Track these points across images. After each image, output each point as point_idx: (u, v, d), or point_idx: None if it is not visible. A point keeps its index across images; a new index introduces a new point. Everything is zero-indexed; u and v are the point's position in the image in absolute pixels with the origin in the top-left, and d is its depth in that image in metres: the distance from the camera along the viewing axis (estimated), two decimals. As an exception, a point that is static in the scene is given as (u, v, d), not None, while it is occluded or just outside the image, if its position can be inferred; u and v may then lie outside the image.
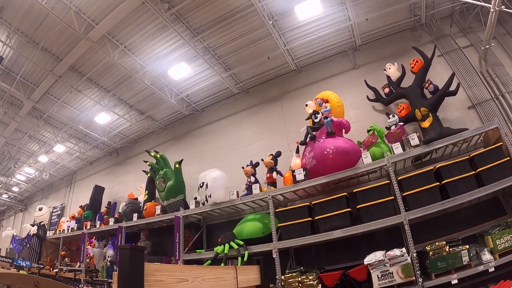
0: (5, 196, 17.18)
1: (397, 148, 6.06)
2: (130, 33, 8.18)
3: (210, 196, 7.76)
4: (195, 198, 8.62)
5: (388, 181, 5.92)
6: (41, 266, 8.04)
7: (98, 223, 10.56)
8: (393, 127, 6.44)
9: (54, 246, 12.12)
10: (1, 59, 8.70)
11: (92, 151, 13.29)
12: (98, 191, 11.97)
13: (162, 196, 9.04)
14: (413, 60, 6.90)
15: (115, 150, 13.18)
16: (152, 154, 9.27)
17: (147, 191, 9.89)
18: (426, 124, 6.26)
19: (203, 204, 8.16)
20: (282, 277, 5.90)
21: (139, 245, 9.28)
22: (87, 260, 10.45)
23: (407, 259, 5.01)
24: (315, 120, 7.12)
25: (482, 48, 6.52)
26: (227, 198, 7.68)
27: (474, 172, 5.36)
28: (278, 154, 7.73)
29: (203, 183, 8.18)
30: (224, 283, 2.59)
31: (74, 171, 14.83)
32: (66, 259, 11.37)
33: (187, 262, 7.90)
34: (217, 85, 9.87)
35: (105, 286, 8.32)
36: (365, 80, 7.84)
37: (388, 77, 7.41)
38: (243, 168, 7.93)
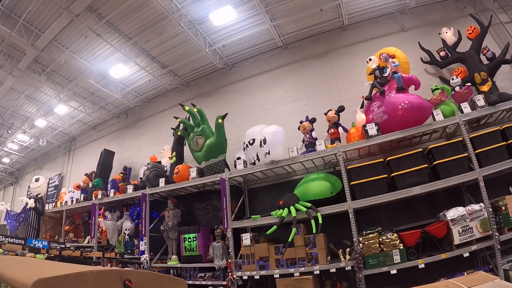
0: None
1: (465, 107, 5.52)
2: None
3: (268, 153, 6.26)
4: (238, 158, 7.02)
5: (461, 139, 5.34)
6: (63, 246, 6.11)
7: (111, 191, 8.53)
8: (457, 88, 6.01)
9: (53, 220, 10.02)
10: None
11: (98, 113, 11.05)
12: (107, 156, 9.89)
13: (199, 157, 7.30)
14: (471, 26, 6.44)
15: (124, 112, 11.10)
16: (187, 108, 7.46)
17: (174, 153, 8.06)
18: (485, 88, 5.88)
19: (253, 163, 6.57)
20: (360, 239, 5.23)
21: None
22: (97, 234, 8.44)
23: (484, 214, 4.79)
24: (384, 75, 6.27)
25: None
26: (286, 156, 6.28)
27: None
28: (341, 108, 6.50)
29: (253, 139, 6.78)
30: None
31: (73, 137, 12.51)
32: (70, 234, 9.24)
33: (236, 231, 6.47)
34: (256, 37, 8.28)
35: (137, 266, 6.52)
36: (419, 42, 7.07)
37: (444, 41, 6.82)
38: (301, 123, 6.62)
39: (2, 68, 8.60)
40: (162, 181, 7.65)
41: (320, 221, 5.41)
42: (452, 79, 6.16)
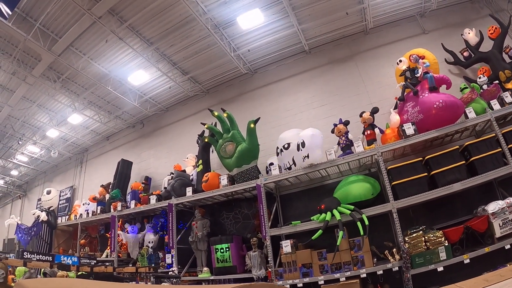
0: (1, 181, 13.56)
1: (495, 104, 5.52)
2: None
3: (307, 156, 5.95)
4: (271, 164, 6.68)
5: (494, 135, 5.28)
6: (94, 262, 5.61)
7: (132, 202, 8.02)
8: (484, 86, 6.05)
9: (66, 234, 9.44)
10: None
11: (113, 122, 10.54)
12: (125, 167, 9.35)
13: (230, 164, 6.90)
14: (492, 27, 6.48)
15: (140, 121, 10.66)
16: (216, 113, 7.07)
17: (200, 161, 7.60)
18: (510, 85, 5.88)
19: (289, 168, 6.23)
20: (406, 238, 5.06)
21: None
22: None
23: (522, 207, 4.72)
24: (416, 76, 6.20)
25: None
26: (324, 159, 6.00)
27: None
28: (376, 110, 6.26)
29: (288, 144, 6.42)
30: None
31: (86, 148, 11.94)
32: (86, 248, 8.66)
33: (274, 238, 6.04)
34: (281, 41, 8.04)
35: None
36: (442, 44, 6.99)
37: (466, 42, 6.79)
38: (335, 125, 6.32)
39: (15, 74, 8.12)
40: (189, 190, 7.21)
41: (366, 222, 5.17)
42: (479, 78, 6.18)
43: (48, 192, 10.11)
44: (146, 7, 6.87)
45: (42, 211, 9.07)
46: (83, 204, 9.19)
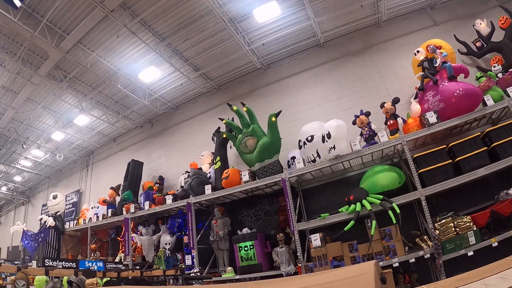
0: (4, 188, 13.08)
1: (511, 92, 5.51)
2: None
3: (333, 147, 5.85)
4: (293, 158, 6.59)
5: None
6: (120, 267, 5.35)
7: (146, 203, 7.77)
8: (500, 74, 6.07)
9: (74, 239, 9.11)
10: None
11: (121, 123, 10.27)
12: (136, 167, 9.06)
13: (251, 159, 6.73)
14: (503, 17, 6.53)
15: (149, 121, 10.40)
16: (235, 108, 6.90)
17: (218, 157, 7.40)
18: None
19: (313, 161, 6.12)
20: (436, 225, 5.08)
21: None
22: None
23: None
24: (434, 65, 6.18)
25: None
26: (349, 150, 5.96)
27: None
28: (397, 100, 6.24)
29: (312, 136, 6.33)
30: None
31: (92, 151, 11.61)
32: (97, 253, 8.36)
33: (299, 233, 5.88)
34: (295, 35, 7.92)
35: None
36: (454, 35, 6.97)
37: (478, 32, 6.84)
38: (357, 116, 6.29)
39: (20, 74, 7.81)
40: (207, 188, 7.03)
41: (398, 211, 5.17)
42: (494, 66, 6.25)
43: (54, 197, 9.73)
44: (159, 1, 6.69)
45: (49, 217, 8.73)
46: (92, 208, 8.89)
